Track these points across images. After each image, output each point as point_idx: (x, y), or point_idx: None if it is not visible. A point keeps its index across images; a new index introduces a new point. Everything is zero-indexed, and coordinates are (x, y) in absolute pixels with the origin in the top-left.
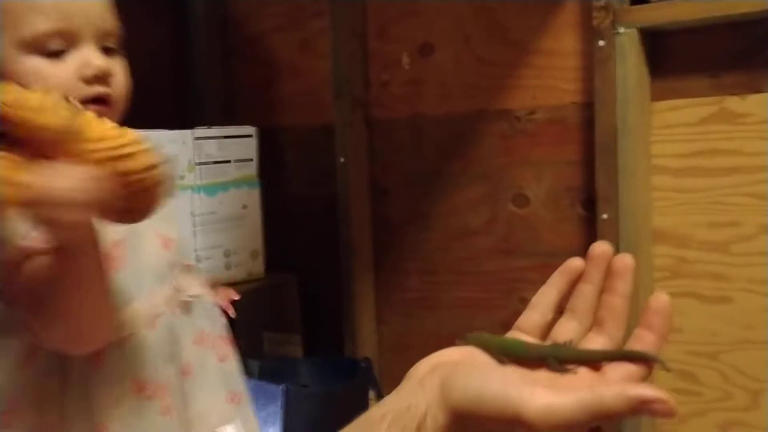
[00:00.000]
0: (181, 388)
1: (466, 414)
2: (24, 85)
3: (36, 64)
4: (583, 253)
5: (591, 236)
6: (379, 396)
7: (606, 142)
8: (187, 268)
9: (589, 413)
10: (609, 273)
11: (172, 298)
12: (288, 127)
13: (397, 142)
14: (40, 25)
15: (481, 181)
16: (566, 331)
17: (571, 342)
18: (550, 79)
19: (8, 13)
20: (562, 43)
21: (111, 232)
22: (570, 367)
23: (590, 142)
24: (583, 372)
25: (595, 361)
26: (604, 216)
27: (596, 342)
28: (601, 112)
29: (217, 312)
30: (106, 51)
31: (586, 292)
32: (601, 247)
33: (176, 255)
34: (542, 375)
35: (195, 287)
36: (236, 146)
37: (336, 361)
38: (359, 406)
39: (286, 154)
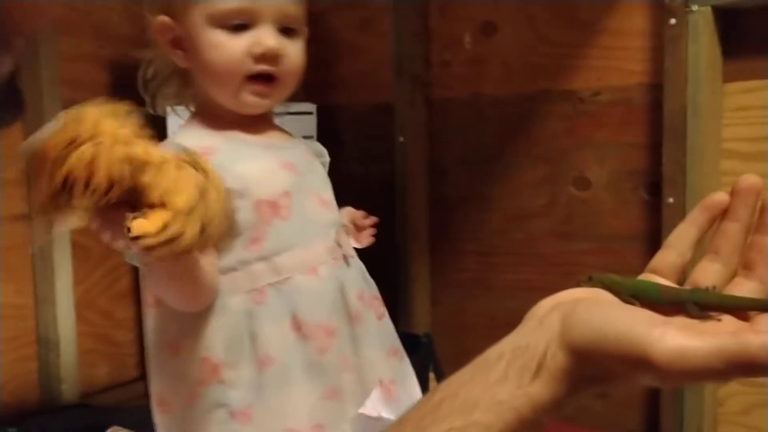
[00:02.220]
0: (350, 334)
1: (587, 352)
2: (204, 53)
3: (218, 36)
4: (645, 238)
5: (654, 221)
6: (437, 373)
7: (674, 125)
8: (347, 230)
9: (728, 362)
10: (760, 210)
11: (334, 251)
12: (347, 105)
13: (457, 122)
14: (229, 3)
15: (541, 162)
16: (708, 274)
17: (714, 287)
18: (617, 59)
19: None
20: (631, 22)
21: (279, 184)
22: (713, 314)
23: (657, 124)
24: (729, 320)
25: (743, 309)
26: (670, 200)
27: (744, 287)
28: (670, 93)
29: (368, 274)
30: (286, 32)
31: (732, 230)
32: (748, 180)
33: (335, 216)
34: (678, 320)
35: (350, 247)
36: (297, 123)
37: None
38: (419, 380)
39: (345, 132)
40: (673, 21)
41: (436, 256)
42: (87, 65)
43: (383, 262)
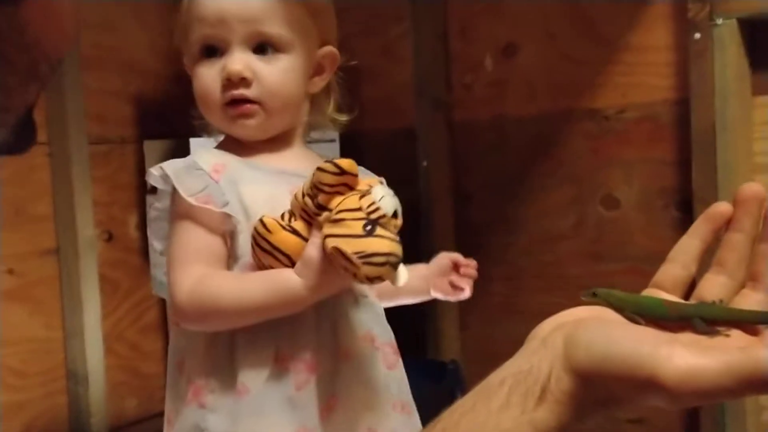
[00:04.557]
0: (338, 371)
1: (592, 375)
2: (193, 85)
3: (198, 68)
4: None
5: None
6: None
7: (703, 140)
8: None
9: (739, 379)
10: (764, 219)
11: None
12: (369, 131)
13: (481, 144)
14: (199, 32)
15: (567, 183)
16: (714, 287)
17: (720, 301)
18: (641, 75)
19: (187, 26)
20: (654, 37)
21: (281, 210)
22: (720, 328)
23: (685, 140)
24: (737, 335)
25: (751, 322)
26: None
27: (752, 300)
28: (697, 108)
29: (385, 320)
30: (262, 50)
31: (737, 241)
32: (751, 189)
33: None
34: (685, 337)
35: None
36: (320, 151)
37: (422, 363)
38: (447, 408)
39: (367, 158)
40: (697, 35)
41: None
42: (113, 100)
43: None
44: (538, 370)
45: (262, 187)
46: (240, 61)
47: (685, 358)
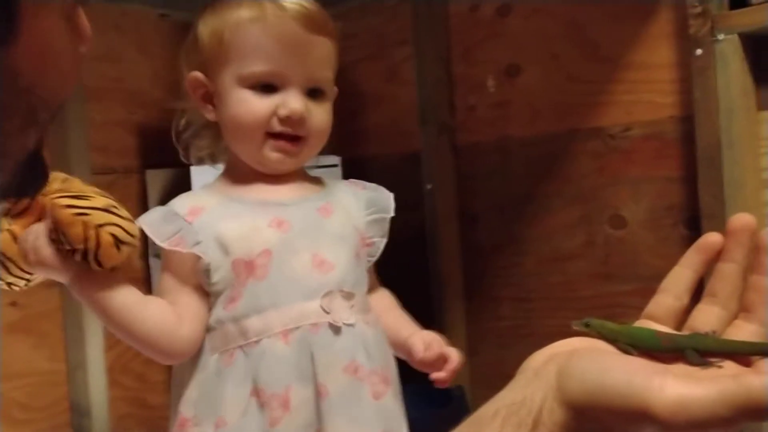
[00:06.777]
0: (319, 407)
1: (584, 407)
2: (230, 108)
3: (245, 95)
4: None
5: None
6: None
7: (709, 156)
8: (346, 295)
9: (732, 407)
10: (755, 249)
11: (316, 317)
12: (373, 156)
13: (486, 166)
14: (259, 66)
15: (574, 202)
16: (707, 318)
17: (714, 332)
18: (645, 93)
19: (236, 50)
20: (657, 54)
21: (259, 243)
22: (713, 360)
23: (691, 156)
24: (730, 367)
25: (744, 354)
26: None
27: (745, 331)
28: (702, 124)
29: (378, 346)
30: (313, 93)
31: (729, 272)
32: (742, 219)
33: (332, 278)
34: (677, 368)
35: (347, 314)
36: (322, 176)
37: (427, 389)
38: None
39: (372, 182)
40: (699, 51)
41: (471, 304)
42: (117, 131)
43: (417, 313)
44: (531, 402)
45: (243, 220)
46: (302, 101)
47: (676, 388)
